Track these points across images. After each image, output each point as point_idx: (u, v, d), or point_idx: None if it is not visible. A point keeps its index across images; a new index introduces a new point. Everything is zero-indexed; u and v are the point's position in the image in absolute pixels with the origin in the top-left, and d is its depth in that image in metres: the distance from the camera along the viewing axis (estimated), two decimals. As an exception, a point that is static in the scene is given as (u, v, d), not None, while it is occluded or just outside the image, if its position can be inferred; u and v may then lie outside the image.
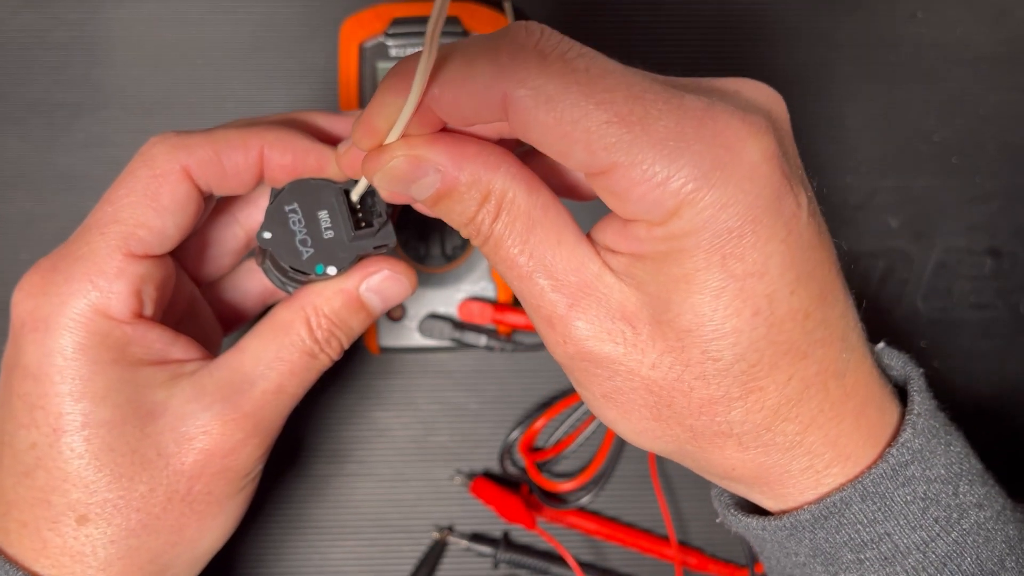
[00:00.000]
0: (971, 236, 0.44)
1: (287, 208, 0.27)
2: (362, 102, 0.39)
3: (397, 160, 0.23)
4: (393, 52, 0.39)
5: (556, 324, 0.23)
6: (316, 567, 0.41)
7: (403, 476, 0.42)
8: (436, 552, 0.41)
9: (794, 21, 0.44)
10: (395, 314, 0.40)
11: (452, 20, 0.39)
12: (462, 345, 0.40)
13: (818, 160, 0.43)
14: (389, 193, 0.24)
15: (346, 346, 0.29)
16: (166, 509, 0.26)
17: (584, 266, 0.23)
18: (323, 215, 0.27)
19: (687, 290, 0.22)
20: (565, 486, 0.41)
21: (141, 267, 0.26)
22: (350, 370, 0.42)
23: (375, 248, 0.28)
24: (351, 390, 0.42)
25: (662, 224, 0.21)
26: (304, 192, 0.27)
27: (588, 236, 0.24)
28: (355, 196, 0.27)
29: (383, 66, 0.39)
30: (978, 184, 0.44)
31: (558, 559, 0.41)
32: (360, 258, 0.28)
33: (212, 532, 0.28)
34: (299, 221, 0.27)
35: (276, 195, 0.27)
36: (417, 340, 0.40)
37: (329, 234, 0.27)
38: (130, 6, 0.43)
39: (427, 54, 0.20)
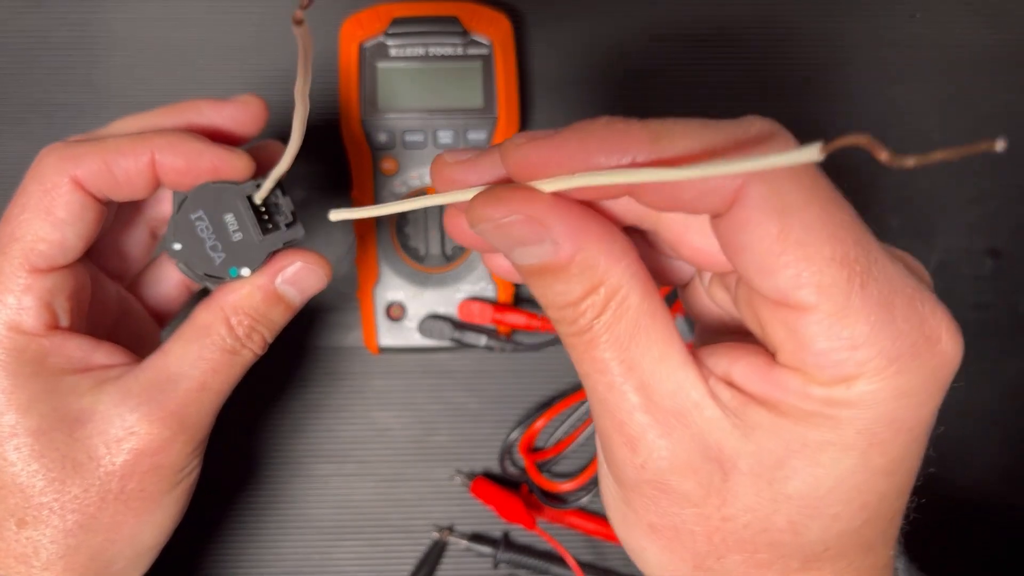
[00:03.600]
0: (971, 236, 0.44)
1: (193, 216, 0.27)
2: (362, 102, 0.39)
3: (515, 218, 0.20)
4: (393, 52, 0.39)
5: (639, 448, 0.21)
6: (316, 567, 0.41)
7: (403, 476, 0.42)
8: (436, 552, 0.41)
9: (793, 22, 0.44)
10: (394, 314, 0.40)
11: (451, 20, 0.39)
12: (462, 345, 0.40)
13: (818, 160, 0.43)
14: (481, 242, 0.22)
15: (269, 339, 0.30)
16: (101, 508, 0.27)
17: (684, 391, 0.20)
18: (229, 218, 0.28)
19: (813, 459, 0.20)
20: (565, 486, 0.41)
21: (48, 280, 0.27)
22: (350, 370, 0.42)
23: (285, 244, 0.28)
24: (351, 390, 0.42)
25: (825, 386, 0.19)
26: (207, 198, 0.27)
27: (696, 354, 0.22)
28: (259, 199, 0.28)
29: (383, 66, 0.39)
30: (978, 184, 0.44)
31: (558, 559, 0.41)
32: (273, 253, 0.29)
33: (151, 527, 0.29)
34: (207, 228, 0.28)
35: (180, 204, 0.28)
36: (417, 340, 0.40)
37: (238, 236, 0.28)
38: (131, 7, 0.43)
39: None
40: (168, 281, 0.34)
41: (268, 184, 0.27)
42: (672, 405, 0.21)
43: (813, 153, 0.15)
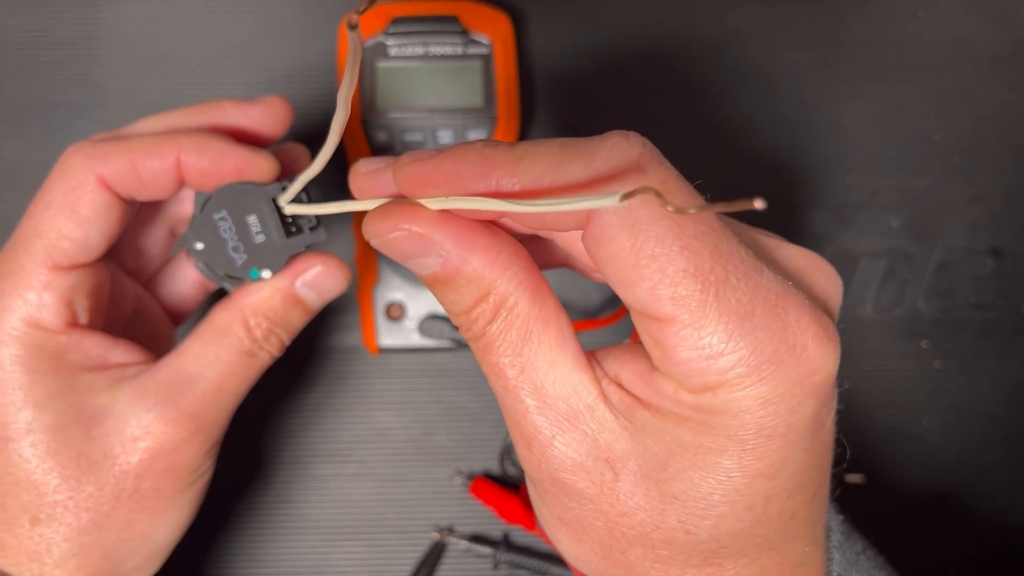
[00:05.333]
0: (973, 236, 0.44)
1: (216, 216, 0.27)
2: (362, 100, 0.39)
3: (399, 234, 0.21)
4: (393, 51, 0.39)
5: (534, 447, 0.22)
6: (316, 568, 0.41)
7: (403, 476, 0.42)
8: (436, 553, 0.41)
9: (795, 21, 0.44)
10: (394, 314, 0.40)
11: (451, 19, 0.39)
12: (462, 345, 0.40)
13: (819, 160, 0.43)
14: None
15: (287, 342, 0.30)
16: (115, 507, 0.27)
17: (577, 393, 0.21)
18: (252, 220, 0.27)
19: (692, 462, 0.20)
20: (565, 487, 0.41)
21: (69, 278, 0.27)
22: (350, 370, 0.42)
23: (308, 247, 0.28)
24: (351, 390, 0.42)
25: (694, 393, 0.20)
26: (231, 198, 0.27)
27: (592, 356, 0.22)
28: (284, 201, 0.27)
29: (383, 65, 0.39)
30: (979, 184, 0.44)
31: (558, 560, 0.41)
32: (293, 256, 0.29)
33: (164, 526, 0.29)
34: (229, 228, 0.28)
35: (203, 203, 0.28)
36: (417, 340, 0.40)
37: (260, 238, 0.28)
38: (129, 5, 0.43)
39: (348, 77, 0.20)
40: (185, 280, 0.34)
41: (295, 187, 0.27)
42: (565, 407, 0.21)
43: (613, 200, 0.17)
